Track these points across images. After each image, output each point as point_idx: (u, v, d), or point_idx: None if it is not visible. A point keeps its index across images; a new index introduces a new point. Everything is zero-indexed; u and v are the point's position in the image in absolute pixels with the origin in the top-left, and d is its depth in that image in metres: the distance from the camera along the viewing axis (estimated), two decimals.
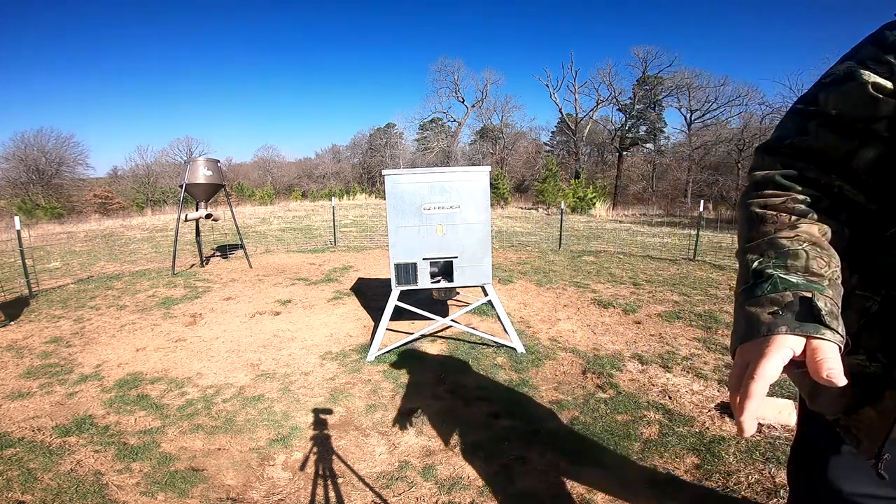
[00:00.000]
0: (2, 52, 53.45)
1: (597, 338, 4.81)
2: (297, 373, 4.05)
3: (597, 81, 34.68)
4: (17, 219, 7.30)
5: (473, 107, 39.21)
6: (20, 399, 3.61)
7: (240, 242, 9.12)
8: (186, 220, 8.04)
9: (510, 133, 39.68)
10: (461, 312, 4.67)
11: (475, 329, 4.81)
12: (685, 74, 32.39)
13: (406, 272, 4.18)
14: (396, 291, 4.27)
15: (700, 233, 9.21)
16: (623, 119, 35.90)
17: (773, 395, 3.37)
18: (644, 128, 37.21)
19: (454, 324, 4.60)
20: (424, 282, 4.23)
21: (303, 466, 2.78)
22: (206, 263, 8.80)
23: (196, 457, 2.88)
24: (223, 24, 67.26)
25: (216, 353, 4.48)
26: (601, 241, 11.36)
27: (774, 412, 3.04)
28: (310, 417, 3.33)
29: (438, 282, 4.30)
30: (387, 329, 4.44)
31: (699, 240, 9.11)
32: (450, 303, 5.91)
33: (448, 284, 4.29)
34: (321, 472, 2.72)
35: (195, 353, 4.49)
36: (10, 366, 4.24)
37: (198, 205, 8.13)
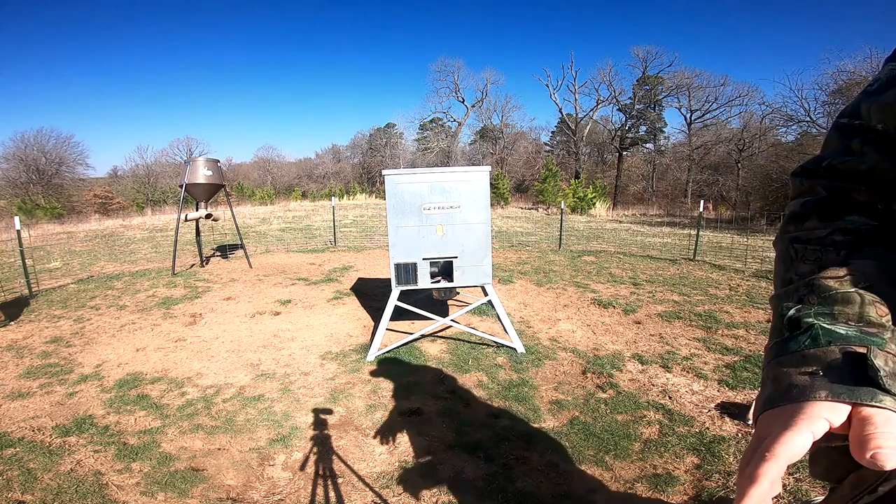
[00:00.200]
0: (2, 52, 53.56)
1: (597, 338, 4.81)
2: (297, 373, 4.06)
3: (597, 81, 34.72)
4: (17, 219, 7.30)
5: (473, 107, 39.24)
6: (20, 399, 3.61)
7: (240, 242, 9.12)
8: (186, 220, 8.05)
9: (510, 133, 39.67)
10: (461, 312, 4.67)
11: (475, 329, 4.81)
12: (685, 74, 32.41)
13: (406, 272, 4.19)
14: (396, 291, 4.27)
15: (700, 233, 9.21)
16: (623, 119, 35.91)
17: None
18: (644, 128, 37.21)
19: (454, 324, 4.60)
20: (424, 282, 4.23)
21: (303, 466, 2.78)
22: (206, 263, 8.80)
23: (196, 457, 2.88)
24: (223, 24, 67.50)
25: (216, 353, 4.48)
26: (601, 241, 11.36)
27: None
28: (310, 417, 3.33)
29: (438, 282, 4.30)
30: (387, 329, 4.44)
31: (699, 240, 9.11)
32: (450, 303, 5.91)
33: (448, 284, 4.30)
34: (321, 472, 2.72)
35: (195, 353, 4.49)
36: (10, 366, 4.24)
37: (198, 205, 8.13)
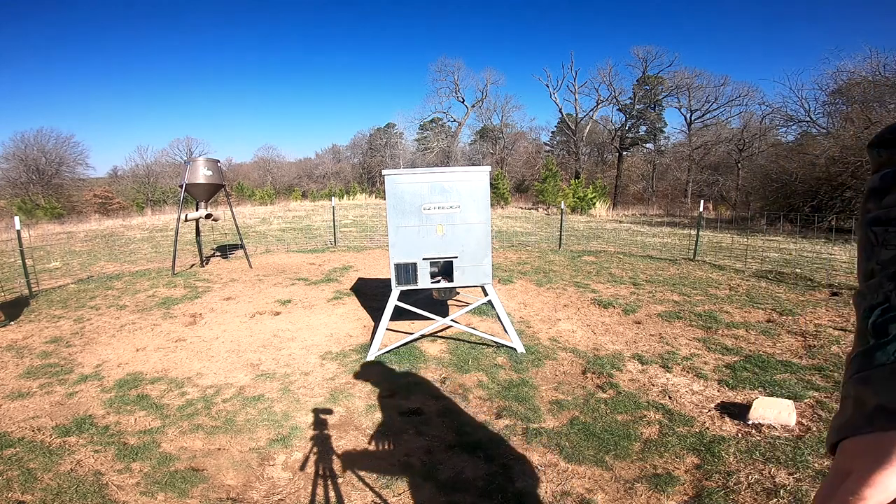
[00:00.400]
0: (2, 53, 53.57)
1: (597, 338, 4.81)
2: (297, 373, 4.06)
3: (597, 81, 34.76)
4: (17, 219, 7.30)
5: (473, 107, 39.25)
6: (20, 399, 3.61)
7: (240, 242, 9.12)
8: (186, 220, 8.05)
9: (510, 133, 39.69)
10: (461, 312, 4.67)
11: (475, 329, 4.81)
12: (685, 74, 32.45)
13: (406, 272, 4.18)
14: (396, 291, 4.27)
15: (700, 233, 9.21)
16: (623, 119, 35.94)
17: (773, 396, 3.37)
18: (644, 128, 37.23)
19: (454, 324, 4.60)
20: (424, 282, 4.23)
21: (303, 466, 2.78)
22: (206, 263, 8.80)
23: (196, 457, 2.88)
24: (223, 24, 67.50)
25: (216, 353, 4.48)
26: (601, 241, 11.36)
27: (774, 412, 3.04)
28: (310, 417, 3.33)
29: (438, 282, 4.30)
30: (387, 329, 4.44)
31: (699, 240, 9.11)
32: (450, 303, 5.91)
33: (448, 284, 4.29)
34: (321, 472, 2.72)
35: (195, 353, 4.49)
36: (10, 366, 4.24)
37: (198, 205, 8.13)
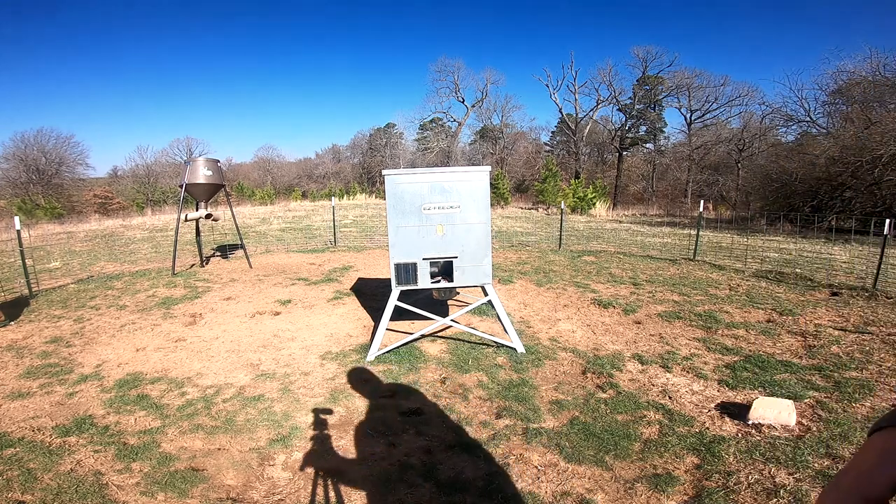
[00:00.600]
0: (2, 53, 53.56)
1: (597, 338, 4.81)
2: (297, 373, 4.06)
3: (597, 81, 34.77)
4: (17, 219, 7.30)
5: (473, 107, 39.25)
6: (20, 399, 3.61)
7: (240, 242, 9.12)
8: (186, 220, 8.05)
9: (510, 133, 39.70)
10: (461, 312, 4.67)
11: (475, 329, 4.81)
12: (685, 74, 32.48)
13: (406, 272, 4.18)
14: (396, 291, 4.27)
15: (700, 233, 9.21)
16: (623, 119, 35.94)
17: (773, 396, 3.37)
18: (644, 128, 37.24)
19: (454, 324, 4.60)
20: (424, 282, 4.23)
21: (303, 466, 2.78)
22: (206, 263, 8.80)
23: (196, 457, 2.88)
24: (223, 25, 67.41)
25: (216, 353, 4.48)
26: (601, 241, 11.36)
27: (774, 412, 3.04)
28: (310, 417, 3.33)
29: (438, 282, 4.30)
30: (387, 329, 4.44)
31: (699, 240, 9.12)
32: (450, 303, 5.91)
33: (448, 284, 4.29)
34: (321, 472, 2.72)
35: (195, 353, 4.49)
36: (10, 366, 4.24)
37: (198, 205, 8.13)
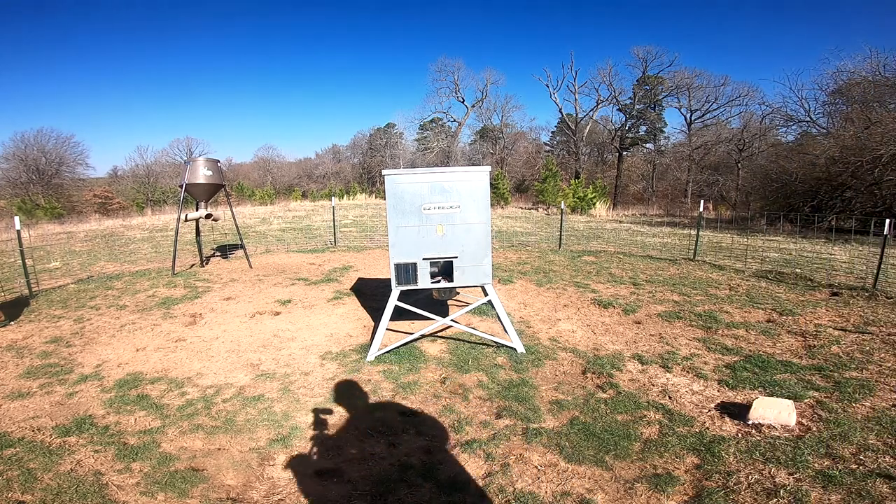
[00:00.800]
0: (2, 53, 53.58)
1: (597, 338, 4.81)
2: (297, 373, 4.06)
3: (597, 81, 34.76)
4: (17, 219, 7.30)
5: (473, 107, 39.24)
6: (20, 399, 3.61)
7: (240, 242, 9.12)
8: (186, 220, 8.05)
9: (510, 133, 39.70)
10: (461, 312, 4.67)
11: (475, 329, 4.81)
12: (685, 74, 32.49)
13: (406, 272, 4.18)
14: (396, 291, 4.27)
15: (700, 233, 9.21)
16: (623, 119, 35.94)
17: (773, 396, 3.37)
18: (644, 128, 37.24)
19: (454, 324, 4.60)
20: (424, 282, 4.23)
21: (303, 466, 2.78)
22: (206, 263, 8.80)
23: (196, 457, 2.88)
24: (223, 25, 67.42)
25: (216, 353, 4.48)
26: (601, 241, 11.36)
27: (774, 412, 3.04)
28: (310, 417, 3.33)
29: (438, 282, 4.30)
30: (387, 329, 4.44)
31: (699, 240, 9.12)
32: (450, 303, 5.91)
33: (448, 284, 4.29)
34: (321, 472, 2.72)
35: (195, 353, 4.49)
36: (10, 366, 4.24)
37: (198, 205, 8.13)
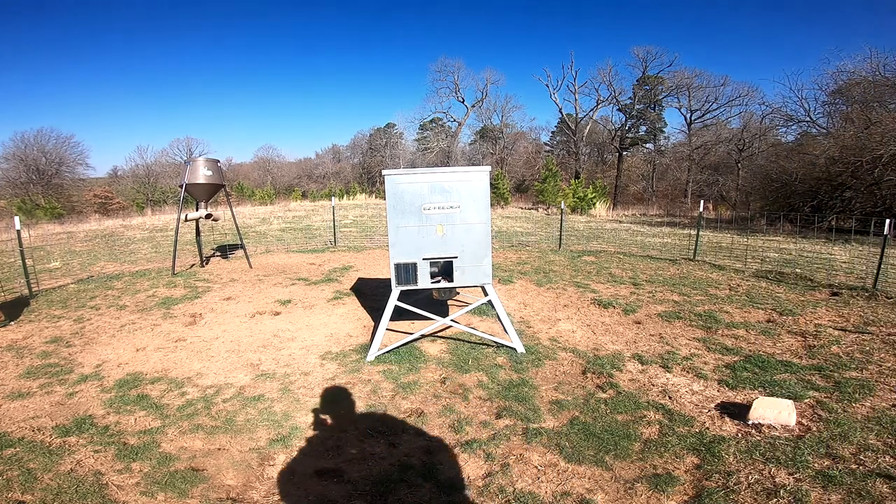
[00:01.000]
0: (2, 53, 53.59)
1: (597, 338, 4.81)
2: (297, 373, 4.06)
3: (597, 81, 34.74)
4: (17, 219, 7.30)
5: (473, 107, 39.22)
6: (20, 399, 3.61)
7: (240, 242, 9.12)
8: (186, 220, 8.04)
9: (510, 133, 39.68)
10: (461, 312, 4.67)
11: (475, 329, 4.81)
12: (685, 74, 32.47)
13: (406, 272, 4.18)
14: (396, 291, 4.27)
15: (700, 233, 9.21)
16: (623, 119, 35.93)
17: (773, 396, 3.37)
18: (644, 128, 37.23)
19: (454, 324, 4.60)
20: (424, 282, 4.23)
21: (303, 466, 2.77)
22: (206, 263, 8.80)
23: (196, 457, 2.88)
24: (223, 25, 67.43)
25: (216, 353, 4.48)
26: (601, 241, 11.36)
27: (774, 412, 3.04)
28: (310, 417, 3.33)
29: (438, 282, 4.30)
30: (387, 329, 4.44)
31: (699, 240, 9.11)
32: (450, 303, 5.91)
33: (448, 284, 4.29)
34: (321, 472, 2.72)
35: (195, 353, 4.49)
36: (10, 366, 4.24)
37: (198, 205, 8.13)
